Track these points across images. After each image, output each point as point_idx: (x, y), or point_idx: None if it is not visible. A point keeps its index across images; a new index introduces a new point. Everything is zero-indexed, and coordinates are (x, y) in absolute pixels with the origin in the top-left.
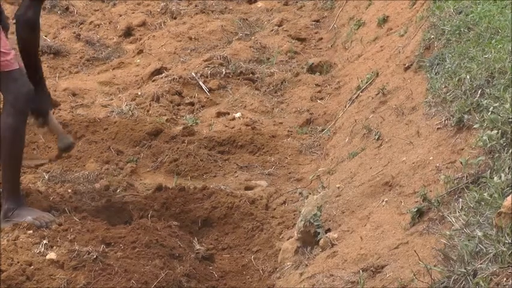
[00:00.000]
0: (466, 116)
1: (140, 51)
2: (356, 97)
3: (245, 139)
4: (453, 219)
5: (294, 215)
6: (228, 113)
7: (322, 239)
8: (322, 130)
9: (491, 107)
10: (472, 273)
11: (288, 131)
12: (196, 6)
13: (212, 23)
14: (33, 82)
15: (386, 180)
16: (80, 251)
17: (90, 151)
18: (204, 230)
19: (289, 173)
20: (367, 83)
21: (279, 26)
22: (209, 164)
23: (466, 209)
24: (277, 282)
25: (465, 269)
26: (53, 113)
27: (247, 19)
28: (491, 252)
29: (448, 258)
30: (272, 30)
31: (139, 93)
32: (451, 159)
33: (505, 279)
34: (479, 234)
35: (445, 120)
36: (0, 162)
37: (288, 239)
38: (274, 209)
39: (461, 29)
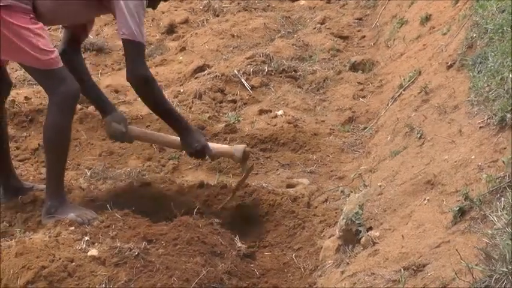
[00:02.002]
0: (508, 115)
1: (183, 49)
2: (398, 95)
3: (287, 137)
4: (495, 218)
5: (336, 213)
6: (270, 111)
7: (363, 238)
8: (364, 128)
9: None
10: None
11: (330, 129)
12: (238, 3)
13: (255, 21)
14: (174, 126)
15: (428, 178)
16: (121, 248)
17: (132, 148)
18: (246, 227)
19: (331, 171)
20: (409, 81)
21: (322, 23)
22: (251, 161)
23: (508, 208)
24: (318, 280)
25: (507, 268)
26: (96, 110)
27: (289, 17)
28: None
29: (489, 258)
30: (315, 28)
31: (181, 90)
32: (493, 158)
33: None
34: None
35: (487, 119)
36: (45, 161)
37: (329, 237)
38: (316, 207)
39: (504, 28)
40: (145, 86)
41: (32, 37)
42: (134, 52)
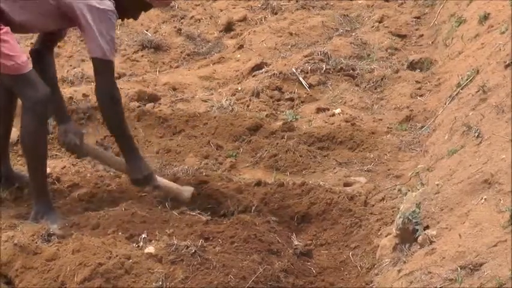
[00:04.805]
0: None
1: (241, 47)
2: (456, 94)
3: (344, 135)
4: None
5: (393, 211)
6: (328, 109)
7: (420, 236)
8: (422, 127)
9: None
10: None
11: (388, 127)
12: (297, 1)
13: (313, 19)
14: (124, 150)
15: (486, 178)
16: (178, 245)
17: (189, 146)
18: (303, 225)
19: (388, 170)
20: (467, 80)
21: (380, 22)
22: (308, 159)
23: None
24: (375, 278)
25: None
26: (153, 107)
27: (347, 15)
28: None
29: None
30: (373, 27)
31: (239, 88)
32: None
33: None
34: None
35: None
36: (26, 166)
37: (386, 236)
38: (373, 205)
39: None
40: (113, 105)
41: None
42: (104, 70)
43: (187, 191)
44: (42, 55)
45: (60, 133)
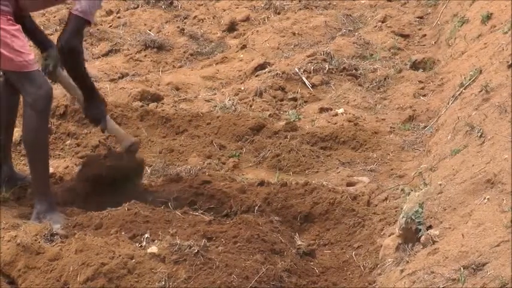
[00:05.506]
0: None
1: (244, 46)
2: (459, 94)
3: (347, 135)
4: None
5: (396, 211)
6: (331, 109)
7: (423, 236)
8: (425, 127)
9: None
10: None
11: (391, 127)
12: (299, 1)
13: (316, 19)
14: (84, 93)
15: (488, 177)
16: (181, 245)
17: (192, 145)
18: (306, 225)
19: (391, 170)
20: (470, 80)
21: (383, 22)
22: (311, 159)
23: None
24: (378, 278)
25: None
26: (156, 107)
27: (350, 15)
28: None
29: None
30: (375, 27)
31: (242, 88)
32: None
33: None
34: None
35: None
36: (28, 164)
37: (389, 236)
38: (376, 205)
39: None
40: (75, 57)
41: (8, 38)
42: (77, 27)
43: (127, 140)
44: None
45: (42, 60)
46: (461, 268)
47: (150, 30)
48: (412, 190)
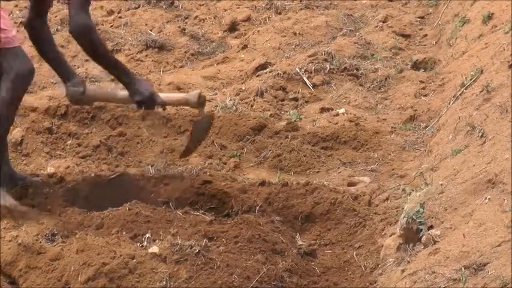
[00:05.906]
0: None
1: (245, 46)
2: (460, 94)
3: (348, 135)
4: None
5: (397, 211)
6: (332, 109)
7: (424, 236)
8: (426, 127)
9: None
10: None
11: (392, 127)
12: (301, 1)
13: (317, 19)
14: (120, 79)
15: (490, 177)
16: (182, 245)
17: None
18: (307, 225)
19: (393, 170)
20: (471, 80)
21: (384, 22)
22: (312, 159)
23: None
24: (378, 278)
25: None
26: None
27: (351, 15)
28: None
29: None
30: (377, 26)
31: (243, 88)
32: None
33: None
34: None
35: None
36: None
37: (390, 236)
38: (377, 205)
39: None
40: (89, 35)
41: None
42: (80, 2)
43: (192, 95)
44: (36, 27)
45: (67, 90)
46: (462, 268)
47: (151, 30)
48: (413, 190)
